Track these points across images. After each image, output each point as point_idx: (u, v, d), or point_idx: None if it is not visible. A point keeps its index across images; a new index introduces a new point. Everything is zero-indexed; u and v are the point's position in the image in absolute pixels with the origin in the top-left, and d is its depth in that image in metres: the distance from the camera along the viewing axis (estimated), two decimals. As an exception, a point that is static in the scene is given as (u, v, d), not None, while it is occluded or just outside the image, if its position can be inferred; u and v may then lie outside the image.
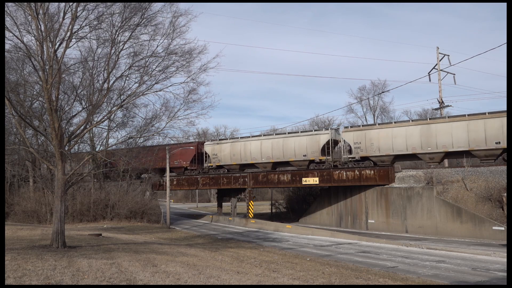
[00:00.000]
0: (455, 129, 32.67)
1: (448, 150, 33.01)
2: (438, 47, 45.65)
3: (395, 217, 33.51)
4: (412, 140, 34.36)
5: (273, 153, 41.23)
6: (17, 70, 22.34)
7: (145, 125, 19.26)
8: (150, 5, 16.33)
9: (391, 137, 35.20)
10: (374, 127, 37.24)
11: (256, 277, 12.17)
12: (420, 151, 34.09)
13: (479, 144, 31.62)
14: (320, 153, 38.48)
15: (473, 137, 31.81)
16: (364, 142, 36.44)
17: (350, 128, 38.61)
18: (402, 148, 34.77)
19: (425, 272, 16.46)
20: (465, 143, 32.17)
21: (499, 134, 30.75)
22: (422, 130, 34.08)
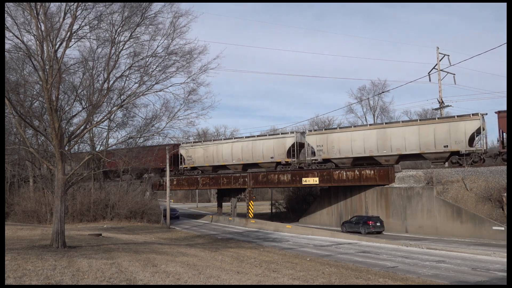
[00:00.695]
0: (408, 133, 34.64)
1: (401, 153, 34.98)
2: (438, 47, 45.69)
3: (395, 217, 33.51)
4: (369, 143, 36.29)
5: (243, 156, 43.22)
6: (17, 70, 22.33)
7: (145, 125, 19.25)
8: (150, 5, 16.31)
9: (350, 140, 37.13)
10: (335, 130, 39.30)
11: (256, 277, 12.18)
12: (377, 153, 36.06)
13: (429, 148, 33.72)
14: (286, 156, 40.40)
15: (424, 141, 33.83)
16: (326, 145, 38.30)
17: (314, 132, 40.29)
18: (360, 150, 36.72)
19: (425, 272, 16.46)
20: (417, 146, 34.12)
21: (446, 138, 32.92)
22: (379, 134, 36.03)
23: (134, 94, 17.34)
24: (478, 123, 32.29)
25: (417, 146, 34.22)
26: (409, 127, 34.98)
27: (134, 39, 16.69)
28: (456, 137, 32.79)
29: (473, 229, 28.43)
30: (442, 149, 33.28)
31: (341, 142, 37.53)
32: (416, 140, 34.23)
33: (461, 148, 32.86)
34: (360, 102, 61.02)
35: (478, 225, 28.20)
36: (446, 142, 33.08)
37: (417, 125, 34.89)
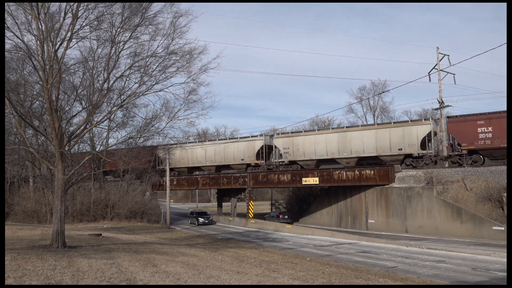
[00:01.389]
0: (366, 137, 36.56)
1: (360, 155, 36.88)
2: (438, 47, 45.56)
3: (395, 217, 33.52)
4: (331, 146, 38.17)
5: (216, 158, 44.95)
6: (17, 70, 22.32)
7: (145, 125, 19.25)
8: (150, 5, 16.31)
9: (314, 143, 38.91)
10: (300, 134, 41.10)
11: (256, 277, 12.17)
12: (338, 156, 37.98)
13: (385, 150, 35.73)
14: (255, 158, 42.11)
15: (380, 144, 35.82)
16: (291, 148, 40.13)
17: (281, 135, 41.90)
18: (323, 153, 38.61)
19: (425, 272, 16.46)
20: (374, 149, 36.11)
21: (400, 141, 34.99)
22: (340, 137, 37.97)
23: (134, 94, 17.34)
24: (429, 128, 34.17)
25: (374, 149, 36.11)
26: (367, 131, 36.93)
27: (134, 39, 16.69)
28: (409, 140, 34.61)
29: (473, 229, 28.44)
30: (397, 152, 35.23)
31: (305, 145, 39.28)
32: (373, 143, 36.12)
33: (413, 151, 34.66)
34: (360, 102, 61.06)
35: (478, 225, 28.20)
36: (400, 145, 34.95)
37: (375, 129, 36.83)
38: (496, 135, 31.19)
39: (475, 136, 31.97)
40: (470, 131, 32.12)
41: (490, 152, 32.19)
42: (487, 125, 31.58)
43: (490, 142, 31.49)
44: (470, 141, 32.23)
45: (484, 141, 31.64)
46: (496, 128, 31.22)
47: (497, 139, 31.13)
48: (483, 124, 31.68)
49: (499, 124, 31.05)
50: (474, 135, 31.98)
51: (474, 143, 32.10)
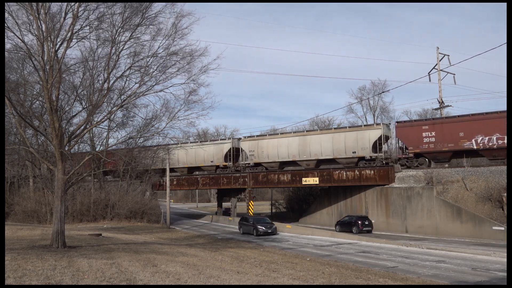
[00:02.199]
0: (323, 141, 38.42)
1: (319, 158, 38.74)
2: (438, 47, 45.66)
3: (395, 217, 33.52)
4: (292, 149, 39.98)
5: (187, 160, 45.98)
6: (17, 70, 22.33)
7: (145, 126, 19.25)
8: (151, 5, 16.30)
9: (277, 146, 40.70)
10: (265, 137, 42.70)
11: (256, 277, 12.18)
12: (299, 158, 39.69)
13: (341, 153, 37.59)
14: (224, 160, 43.85)
15: (337, 148, 37.65)
16: (257, 151, 42.01)
17: (247, 138, 43.69)
18: (285, 156, 40.43)
19: (425, 272, 16.46)
20: (331, 152, 37.96)
21: (354, 145, 36.71)
22: (300, 141, 39.69)
23: (134, 94, 17.35)
24: (380, 132, 35.97)
25: (331, 152, 37.98)
26: (324, 135, 38.85)
27: (134, 39, 16.70)
28: (362, 144, 36.36)
29: (473, 229, 28.44)
30: (351, 154, 37.05)
31: (269, 148, 41.05)
32: (330, 147, 37.94)
33: (366, 154, 36.29)
34: (360, 102, 61.03)
35: (478, 225, 28.20)
36: (354, 149, 36.76)
37: (331, 133, 38.85)
38: (438, 139, 33.31)
39: (420, 140, 34.00)
40: (416, 135, 34.16)
41: (434, 155, 34.34)
42: (431, 130, 33.74)
43: (434, 146, 33.55)
44: (416, 145, 34.31)
45: (428, 145, 33.70)
46: (438, 133, 33.37)
47: (440, 143, 33.33)
48: (427, 129, 33.88)
49: (441, 129, 33.34)
50: (420, 139, 34.01)
51: (419, 147, 34.13)
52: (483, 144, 31.68)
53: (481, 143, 31.68)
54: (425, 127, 34.10)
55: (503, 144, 30.62)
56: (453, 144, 32.77)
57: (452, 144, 32.82)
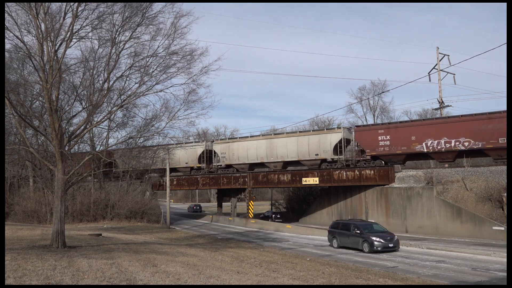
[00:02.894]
0: (289, 144, 40.22)
1: (285, 160, 40.72)
2: (438, 47, 45.66)
3: (395, 217, 33.52)
4: (260, 151, 41.97)
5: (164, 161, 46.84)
6: (17, 70, 22.32)
7: (145, 125, 19.23)
8: (151, 5, 16.30)
9: (246, 149, 42.53)
10: (235, 140, 45.06)
11: (256, 277, 12.17)
12: (266, 160, 41.77)
13: (305, 156, 39.27)
14: (198, 161, 45.52)
15: (301, 150, 39.42)
16: (228, 153, 44.02)
17: (219, 141, 45.98)
18: (254, 158, 42.38)
19: (425, 272, 16.45)
20: (296, 154, 39.79)
21: (317, 148, 38.61)
22: (267, 144, 41.64)
23: (134, 94, 17.34)
24: (340, 136, 37.75)
25: (296, 154, 39.80)
26: (290, 138, 40.64)
27: (134, 39, 16.68)
28: (324, 147, 38.20)
29: (473, 229, 28.43)
30: (314, 157, 38.91)
31: (239, 150, 42.92)
32: (295, 149, 39.76)
33: (327, 156, 38.19)
34: (360, 102, 61.03)
35: (478, 225, 28.20)
36: (317, 151, 38.67)
37: (296, 136, 40.64)
38: (393, 143, 35.07)
39: (376, 144, 35.69)
40: (373, 139, 35.90)
41: (389, 158, 35.82)
42: (386, 134, 35.47)
43: (388, 149, 35.28)
44: (373, 148, 35.98)
45: (384, 148, 35.43)
46: (393, 136, 35.13)
47: (394, 146, 35.10)
48: (383, 133, 35.60)
49: (395, 133, 35.13)
50: (376, 142, 35.71)
51: (375, 150, 35.81)
52: (432, 147, 33.45)
53: (431, 146, 33.44)
54: (380, 131, 35.82)
55: (450, 148, 32.66)
56: (406, 147, 34.51)
57: (405, 147, 34.55)
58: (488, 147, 31.34)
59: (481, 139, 31.28)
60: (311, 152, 38.95)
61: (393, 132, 35.31)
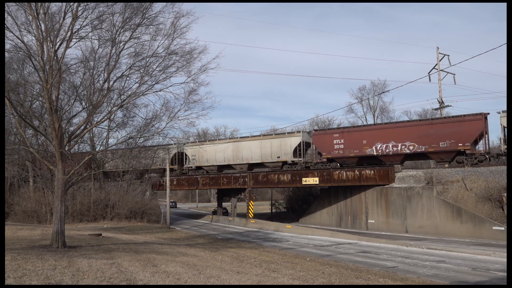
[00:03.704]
0: (253, 146, 42.50)
1: (249, 162, 43.00)
2: (438, 47, 45.68)
3: (395, 217, 33.52)
4: (227, 154, 44.23)
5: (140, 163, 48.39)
6: (17, 70, 22.29)
7: (145, 125, 19.21)
8: (151, 5, 16.29)
9: (214, 151, 44.40)
10: (205, 143, 46.85)
11: (256, 277, 12.17)
12: (233, 162, 44.03)
13: (268, 158, 41.88)
14: (171, 163, 46.23)
15: (264, 153, 41.90)
16: (198, 155, 46.10)
17: (190, 144, 47.54)
18: (221, 160, 44.67)
19: (425, 272, 16.45)
20: (259, 157, 42.24)
21: (279, 151, 41.00)
22: (234, 147, 43.90)
23: (134, 94, 17.33)
24: (299, 139, 39.93)
25: (260, 156, 42.18)
26: (254, 142, 42.82)
27: (134, 39, 16.68)
28: (285, 150, 40.48)
29: (473, 229, 28.43)
30: (276, 159, 41.35)
31: (208, 153, 44.55)
32: (259, 152, 42.09)
33: (288, 159, 40.42)
34: (360, 102, 61.04)
35: (478, 225, 28.20)
36: (279, 154, 41.03)
37: (260, 139, 42.85)
38: (346, 146, 37.39)
39: (332, 147, 37.96)
40: (328, 142, 38.13)
41: (343, 160, 38.10)
42: (340, 138, 37.78)
43: (343, 152, 37.57)
44: (329, 151, 38.23)
45: (338, 151, 37.74)
46: (346, 140, 37.45)
47: (347, 150, 37.44)
48: (338, 137, 37.88)
49: (349, 137, 37.43)
50: (331, 146, 37.96)
51: (331, 153, 38.09)
52: (381, 151, 35.85)
53: (380, 149, 35.87)
54: (335, 135, 38.04)
55: (397, 151, 35.16)
56: (358, 150, 36.83)
57: (357, 151, 36.87)
58: (430, 151, 33.70)
59: (424, 143, 33.73)
60: (273, 155, 41.36)
61: (346, 136, 37.56)
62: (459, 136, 32.31)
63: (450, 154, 33.36)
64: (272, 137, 42.77)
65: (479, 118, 32.04)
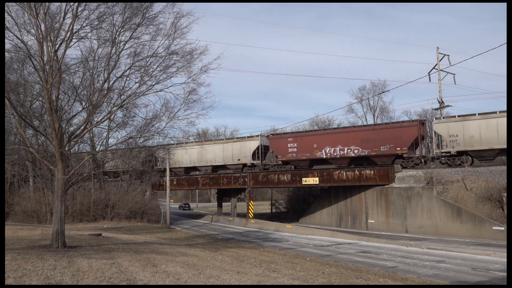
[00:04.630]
0: (216, 150, 45.08)
1: (213, 164, 45.65)
2: (438, 47, 45.60)
3: (395, 217, 33.52)
4: (193, 157, 46.63)
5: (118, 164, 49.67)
6: (17, 70, 22.29)
7: (145, 125, 19.21)
8: (151, 5, 16.27)
9: (182, 154, 45.95)
10: (172, 146, 46.98)
11: (256, 277, 12.17)
12: (198, 164, 46.84)
13: (229, 161, 44.28)
14: (141, 165, 47.16)
15: (226, 155, 44.49)
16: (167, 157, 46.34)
17: (159, 147, 47.84)
18: (188, 162, 47.36)
19: (425, 272, 16.45)
20: (222, 159, 44.85)
21: (239, 154, 43.50)
22: (199, 150, 46.03)
23: (134, 94, 17.31)
24: (257, 143, 42.46)
25: (222, 159, 44.79)
26: (217, 145, 45.43)
27: (134, 39, 16.66)
28: (245, 153, 42.90)
29: (473, 229, 28.43)
30: (237, 162, 43.60)
31: (177, 156, 46.03)
32: (221, 155, 44.69)
33: (247, 161, 42.85)
34: (360, 102, 61.10)
35: (478, 225, 28.20)
36: (239, 157, 43.48)
37: (222, 143, 45.58)
38: (299, 149, 39.63)
39: (286, 150, 40.27)
40: (283, 146, 40.52)
41: (296, 163, 40.39)
42: (294, 142, 40.04)
43: (296, 155, 39.86)
44: (283, 154, 40.61)
45: (292, 154, 40.02)
46: (299, 144, 39.70)
47: (300, 153, 39.65)
48: (292, 141, 40.20)
49: (301, 141, 39.73)
50: (286, 149, 40.30)
51: (285, 156, 40.43)
52: (330, 154, 38.20)
53: (329, 153, 38.25)
54: (290, 139, 40.40)
55: (343, 154, 37.63)
56: (309, 153, 39.12)
57: (309, 154, 39.15)
58: (372, 154, 36.18)
59: (367, 147, 36.19)
60: (234, 158, 43.77)
61: (299, 141, 39.81)
62: (398, 141, 34.82)
63: (390, 157, 35.61)
64: (233, 140, 45.59)
65: (415, 124, 35.07)
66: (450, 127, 32.93)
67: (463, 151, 32.48)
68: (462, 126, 32.36)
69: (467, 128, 32.12)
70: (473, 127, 31.90)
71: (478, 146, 31.74)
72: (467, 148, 32.29)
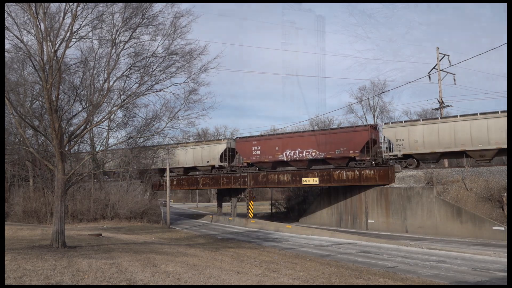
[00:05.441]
0: (188, 152, 46.51)
1: (184, 166, 47.91)
2: (438, 47, 45.58)
3: (395, 217, 33.52)
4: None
5: None
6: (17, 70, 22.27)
7: (145, 125, 19.22)
8: (151, 5, 16.28)
9: None
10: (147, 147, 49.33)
11: (256, 277, 12.17)
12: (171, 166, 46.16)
13: (199, 163, 46.59)
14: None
15: (196, 157, 46.53)
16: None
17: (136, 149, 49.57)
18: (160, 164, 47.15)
19: (425, 272, 16.45)
20: (192, 161, 46.98)
21: (208, 156, 45.55)
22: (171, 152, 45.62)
23: (134, 94, 17.32)
24: (225, 146, 44.66)
25: (192, 161, 46.85)
26: (188, 148, 46.53)
27: (134, 39, 16.66)
28: (213, 155, 45.02)
29: (473, 229, 28.43)
30: (206, 163, 45.67)
31: None
32: (192, 157, 46.59)
33: (215, 163, 44.91)
34: (360, 102, 61.05)
35: (478, 225, 28.20)
36: (208, 159, 45.53)
37: (193, 146, 47.00)
38: (262, 152, 41.82)
39: (251, 153, 42.38)
40: (248, 149, 42.62)
41: (260, 165, 42.73)
42: (257, 145, 42.28)
43: (259, 157, 42.09)
44: (248, 157, 42.70)
45: (256, 156, 42.22)
46: (263, 147, 41.88)
47: (263, 155, 41.85)
48: (256, 144, 42.44)
49: (264, 144, 42.01)
50: (250, 152, 42.41)
51: (250, 158, 42.55)
52: (290, 157, 40.11)
53: (289, 155, 40.20)
54: (254, 142, 42.64)
55: (302, 157, 39.55)
56: (272, 156, 41.19)
57: (271, 156, 41.22)
58: (328, 157, 38.12)
59: (323, 150, 38.23)
60: (203, 160, 45.65)
61: (263, 144, 41.98)
62: (351, 145, 36.77)
63: (344, 160, 37.44)
64: (203, 143, 47.52)
65: (366, 129, 37.08)
66: (397, 132, 34.76)
67: (409, 154, 34.45)
68: (408, 131, 34.25)
69: (412, 133, 34.12)
70: (417, 132, 33.94)
71: (422, 149, 33.81)
72: (412, 151, 34.27)
